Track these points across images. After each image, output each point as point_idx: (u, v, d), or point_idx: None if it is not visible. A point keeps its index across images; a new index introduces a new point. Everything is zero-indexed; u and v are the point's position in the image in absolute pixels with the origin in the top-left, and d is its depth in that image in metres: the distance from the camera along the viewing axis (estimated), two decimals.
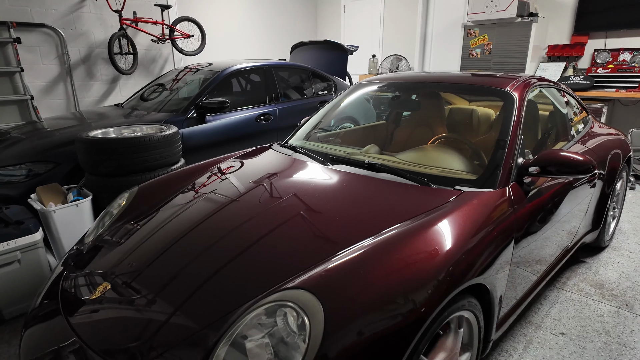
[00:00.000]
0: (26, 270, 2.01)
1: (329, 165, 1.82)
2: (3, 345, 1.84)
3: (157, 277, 1.27)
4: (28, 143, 2.78)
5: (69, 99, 4.60)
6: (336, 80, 4.60)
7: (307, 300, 0.98)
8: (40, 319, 1.31)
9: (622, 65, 4.44)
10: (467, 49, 5.17)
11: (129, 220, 1.66)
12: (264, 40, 6.76)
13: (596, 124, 2.73)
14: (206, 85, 3.40)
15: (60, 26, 4.37)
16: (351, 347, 0.93)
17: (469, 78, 2.17)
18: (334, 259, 1.13)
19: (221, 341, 0.98)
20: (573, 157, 1.53)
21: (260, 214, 1.47)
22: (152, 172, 2.47)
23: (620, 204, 2.92)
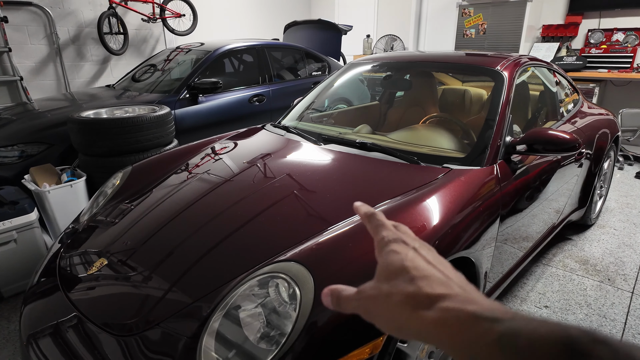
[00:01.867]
0: (22, 249, 2.04)
1: (321, 145, 1.84)
2: (2, 322, 1.89)
3: (152, 254, 1.30)
4: (20, 124, 2.77)
5: (59, 80, 4.53)
6: (330, 60, 4.57)
7: (297, 271, 1.02)
8: (39, 295, 1.34)
9: (615, 45, 4.44)
10: (462, 29, 5.14)
11: (123, 200, 1.69)
12: (257, 20, 6.65)
13: (586, 104, 2.76)
14: (198, 65, 3.37)
15: (48, 5, 4.27)
16: (339, 314, 0.97)
17: (459, 57, 2.18)
18: (325, 233, 1.16)
19: (215, 312, 1.02)
20: (559, 135, 1.56)
21: (254, 193, 1.49)
22: (145, 152, 2.48)
23: (607, 183, 2.98)
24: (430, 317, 0.31)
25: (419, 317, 0.32)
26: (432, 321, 0.31)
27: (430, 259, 0.37)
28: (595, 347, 0.24)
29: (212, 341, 0.98)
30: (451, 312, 0.31)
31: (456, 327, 0.30)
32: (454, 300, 0.32)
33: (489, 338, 0.28)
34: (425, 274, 0.35)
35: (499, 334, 0.27)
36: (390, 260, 0.37)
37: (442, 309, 0.31)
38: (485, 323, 0.29)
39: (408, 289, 0.34)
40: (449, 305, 0.31)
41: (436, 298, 0.32)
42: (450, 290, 0.33)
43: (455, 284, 0.34)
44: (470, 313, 0.30)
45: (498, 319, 0.28)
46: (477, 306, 0.31)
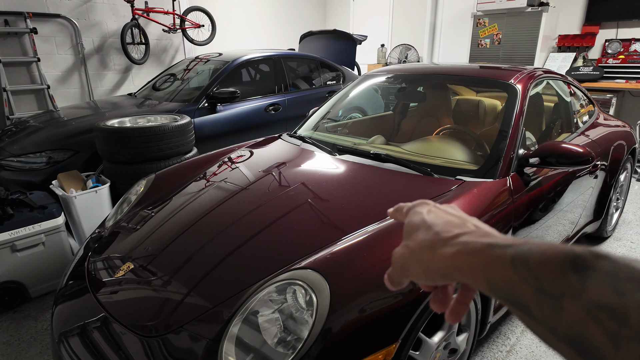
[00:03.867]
0: (50, 252, 2.13)
1: (336, 155, 1.89)
2: (30, 321, 1.98)
3: (175, 259, 1.37)
4: (47, 132, 2.90)
5: (84, 88, 4.71)
6: (345, 70, 4.64)
7: (314, 278, 1.06)
8: (69, 296, 1.42)
9: (634, 55, 4.40)
10: (477, 39, 5.15)
11: (147, 206, 1.76)
12: (273, 30, 6.78)
13: (602, 116, 2.75)
14: (217, 75, 3.48)
15: (75, 16, 4.46)
16: (354, 321, 1.02)
17: (473, 70, 2.21)
18: (340, 242, 1.21)
19: (235, 316, 1.07)
20: (572, 149, 1.58)
21: (270, 201, 1.55)
22: (167, 160, 2.57)
23: (624, 195, 2.95)
24: (449, 252, 0.35)
25: (440, 254, 0.36)
26: (451, 255, 0.35)
27: (449, 210, 0.42)
28: (597, 261, 0.27)
29: (232, 345, 1.03)
30: (468, 245, 0.35)
31: (472, 255, 0.34)
32: (470, 235, 0.36)
33: (503, 260, 0.31)
34: (443, 220, 0.39)
35: (511, 256, 0.31)
36: (412, 218, 0.42)
37: (459, 243, 0.35)
38: (499, 249, 0.32)
39: (427, 235, 0.39)
40: (465, 240, 0.35)
41: (453, 237, 0.37)
42: (466, 229, 0.37)
43: (471, 224, 0.38)
44: (485, 243, 0.34)
45: (510, 245, 0.32)
46: (491, 238, 0.34)
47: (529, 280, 0.29)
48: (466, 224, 0.38)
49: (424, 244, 0.38)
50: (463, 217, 0.40)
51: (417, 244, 0.39)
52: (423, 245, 0.38)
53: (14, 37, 4.12)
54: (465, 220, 0.39)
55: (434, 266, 0.37)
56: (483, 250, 0.33)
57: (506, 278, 0.31)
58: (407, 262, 0.40)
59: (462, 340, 1.42)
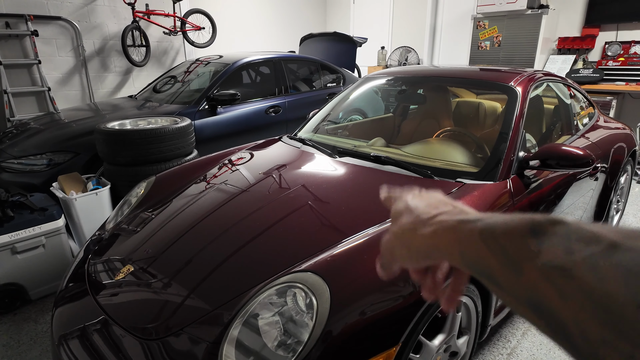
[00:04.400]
0: (50, 254, 2.13)
1: (336, 158, 1.89)
2: (30, 323, 1.98)
3: (175, 261, 1.36)
4: (48, 134, 2.90)
5: (84, 90, 4.72)
6: (345, 72, 4.64)
7: (315, 281, 1.06)
8: (69, 298, 1.42)
9: (634, 58, 4.40)
10: (477, 41, 5.16)
11: (147, 209, 1.76)
12: (274, 32, 6.80)
13: (602, 118, 2.75)
14: (217, 77, 3.48)
15: (75, 19, 4.47)
16: (354, 324, 1.02)
17: (473, 73, 2.22)
18: (340, 245, 1.21)
19: (235, 319, 1.07)
20: (572, 151, 1.58)
21: (270, 203, 1.55)
22: (167, 162, 2.58)
23: (624, 198, 2.95)
24: (428, 231, 0.37)
25: (420, 235, 0.38)
26: (429, 234, 0.37)
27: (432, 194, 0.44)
28: (553, 226, 0.28)
29: (232, 348, 1.03)
30: (443, 223, 0.37)
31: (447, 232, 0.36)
32: (446, 214, 0.38)
33: (473, 233, 0.33)
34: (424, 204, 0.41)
35: (479, 229, 0.32)
36: (396, 206, 0.44)
37: (436, 222, 0.37)
38: (469, 224, 0.34)
39: (409, 219, 0.40)
40: (441, 219, 0.37)
41: (432, 217, 0.38)
42: (444, 209, 0.39)
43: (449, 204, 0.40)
44: (457, 219, 0.36)
45: (479, 219, 0.34)
46: (463, 215, 0.36)
47: (495, 250, 0.31)
48: (445, 205, 0.40)
49: (406, 226, 0.40)
50: (444, 199, 0.42)
51: (400, 227, 0.41)
52: (405, 228, 0.40)
53: (15, 39, 4.13)
54: (446, 202, 0.41)
55: (416, 247, 0.39)
56: (455, 226, 0.35)
57: (476, 250, 0.32)
58: (393, 246, 0.42)
59: (462, 343, 1.42)
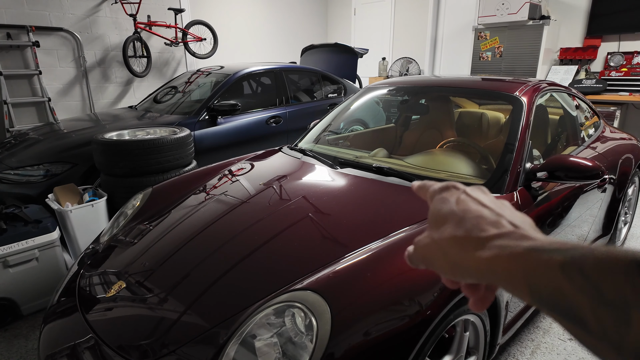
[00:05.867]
0: (44, 267, 2.08)
1: (337, 169, 1.85)
2: (21, 340, 1.91)
3: (170, 276, 1.31)
4: (46, 144, 2.87)
5: (85, 101, 4.71)
6: (346, 82, 4.63)
7: (314, 301, 1.00)
8: (58, 315, 1.36)
9: (636, 68, 4.38)
10: (478, 52, 5.16)
11: (143, 221, 1.71)
12: (275, 43, 6.82)
13: (608, 129, 2.71)
14: (218, 88, 3.46)
15: (77, 30, 4.48)
16: (357, 346, 0.95)
17: (477, 82, 2.18)
18: (342, 261, 1.15)
19: (231, 340, 1.01)
20: (581, 163, 1.53)
21: (270, 216, 1.50)
22: (166, 173, 2.53)
23: (632, 209, 2.89)
24: (485, 255, 0.31)
25: (473, 256, 0.32)
26: (487, 258, 0.31)
27: (481, 199, 0.37)
28: None
29: None
30: (505, 249, 0.31)
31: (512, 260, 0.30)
32: (507, 237, 0.32)
33: (550, 265, 0.27)
34: (475, 214, 0.35)
35: (561, 261, 0.27)
36: (439, 207, 0.38)
37: (495, 247, 0.31)
38: (545, 253, 0.28)
39: (457, 232, 0.34)
40: (502, 243, 0.31)
41: (488, 238, 0.32)
42: (502, 228, 0.33)
43: (507, 222, 0.34)
44: (526, 247, 0.30)
45: (558, 249, 0.28)
46: (532, 242, 0.30)
47: (585, 289, 0.25)
48: (501, 221, 0.34)
49: (453, 240, 0.34)
50: (496, 209, 0.35)
51: (444, 238, 0.35)
52: (452, 242, 0.34)
53: (16, 50, 4.13)
54: (499, 215, 0.35)
55: (464, 266, 0.33)
56: (525, 255, 0.29)
57: (554, 285, 0.27)
58: (431, 255, 0.37)
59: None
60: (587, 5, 4.68)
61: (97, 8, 4.60)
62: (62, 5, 4.34)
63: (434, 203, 0.39)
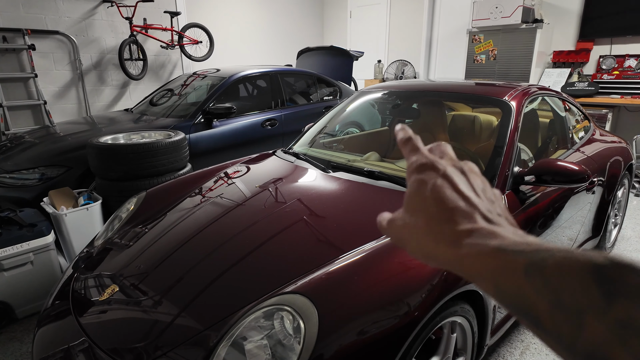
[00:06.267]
0: (38, 271, 2.09)
1: (330, 173, 1.87)
2: (15, 343, 1.92)
3: (163, 279, 1.33)
4: (41, 147, 2.88)
5: (81, 104, 4.72)
6: (341, 85, 4.66)
7: (302, 304, 1.03)
8: (52, 318, 1.38)
9: (628, 71, 4.43)
10: (472, 55, 5.20)
11: (137, 224, 1.73)
12: (271, 46, 6.85)
13: (598, 132, 2.74)
14: (213, 91, 3.48)
15: (73, 33, 4.50)
16: (345, 348, 0.98)
17: (468, 87, 2.21)
18: (330, 264, 1.18)
19: (222, 342, 1.04)
20: (568, 167, 1.56)
21: (262, 219, 1.52)
22: (160, 176, 2.55)
23: (622, 211, 2.92)
24: (455, 252, 0.32)
25: (444, 251, 0.33)
26: (457, 256, 0.32)
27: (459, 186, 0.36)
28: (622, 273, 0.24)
29: None
30: (474, 247, 0.31)
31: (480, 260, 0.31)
32: (477, 235, 0.32)
33: (514, 267, 0.28)
34: (449, 206, 0.34)
35: (524, 264, 0.28)
36: (416, 190, 0.37)
37: (467, 245, 0.32)
38: (509, 255, 0.29)
39: (430, 223, 0.34)
40: (472, 242, 0.32)
41: (460, 234, 0.33)
42: (474, 223, 0.33)
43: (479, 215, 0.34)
44: (493, 247, 0.30)
45: (522, 251, 0.29)
46: (499, 240, 0.31)
47: (544, 292, 0.26)
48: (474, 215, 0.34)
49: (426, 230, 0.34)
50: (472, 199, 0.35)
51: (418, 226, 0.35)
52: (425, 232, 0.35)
53: (12, 53, 4.14)
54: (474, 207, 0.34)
55: (436, 257, 0.34)
56: (492, 255, 0.30)
57: (517, 287, 0.28)
58: (404, 238, 0.37)
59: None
60: (579, 8, 4.73)
61: (93, 11, 4.61)
62: (58, 8, 4.35)
63: (410, 184, 0.38)
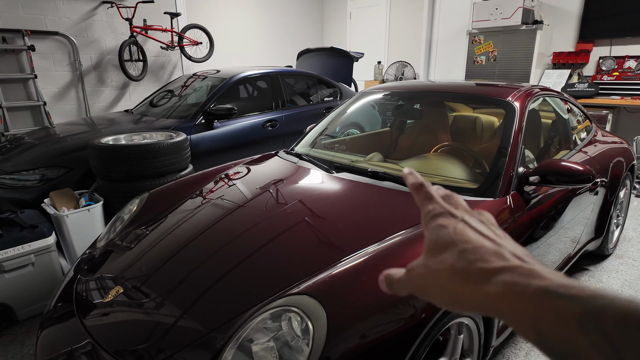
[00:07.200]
0: (39, 273, 2.07)
1: (333, 173, 1.86)
2: (17, 346, 1.90)
3: (167, 281, 1.32)
4: (41, 148, 2.86)
5: (80, 105, 4.70)
6: (342, 86, 4.66)
7: (310, 305, 1.02)
8: (55, 320, 1.36)
9: (628, 72, 4.44)
10: (472, 56, 5.21)
11: (140, 226, 1.72)
12: (271, 47, 6.85)
13: (599, 132, 2.75)
14: (214, 92, 3.47)
15: (73, 34, 4.48)
16: (353, 350, 0.97)
17: (471, 88, 2.21)
18: (337, 265, 1.17)
19: (228, 344, 1.02)
20: (572, 167, 1.56)
21: (266, 220, 1.51)
22: (162, 177, 2.54)
23: (624, 212, 2.93)
24: (490, 292, 0.29)
25: (477, 291, 0.30)
26: (492, 295, 0.29)
27: (481, 230, 0.34)
28: None
29: None
30: (515, 287, 0.28)
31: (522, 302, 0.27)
32: (515, 273, 0.29)
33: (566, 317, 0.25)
34: (475, 245, 0.33)
35: (578, 314, 0.25)
36: (437, 235, 0.35)
37: (503, 283, 0.29)
38: (560, 301, 0.26)
39: (458, 264, 0.32)
40: (510, 280, 0.29)
41: (492, 271, 0.30)
42: (507, 262, 0.31)
43: (510, 254, 0.31)
44: (540, 289, 0.27)
45: (575, 296, 0.26)
46: (545, 281, 0.28)
47: (602, 348, 0.23)
48: (503, 252, 0.32)
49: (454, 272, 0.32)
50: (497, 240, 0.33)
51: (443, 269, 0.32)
52: (452, 274, 0.32)
53: (12, 54, 4.12)
54: (500, 245, 0.33)
55: (466, 301, 0.31)
56: (537, 298, 0.27)
57: (567, 338, 0.25)
58: (427, 286, 0.34)
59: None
60: (579, 10, 4.74)
61: (93, 12, 4.60)
62: (57, 9, 4.34)
63: (429, 230, 0.36)
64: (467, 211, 0.38)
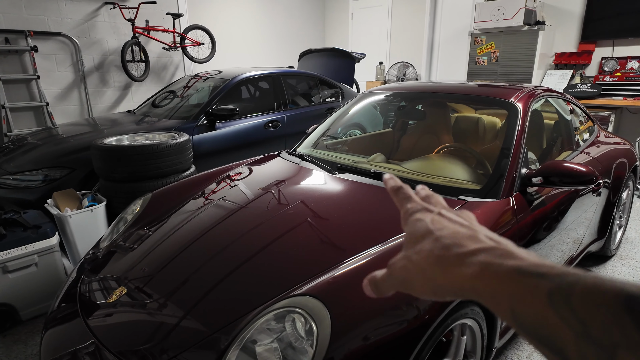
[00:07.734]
0: (43, 273, 2.08)
1: (335, 174, 1.87)
2: (20, 346, 1.91)
3: (170, 281, 1.32)
4: (44, 149, 2.87)
5: (83, 105, 4.71)
6: (343, 87, 4.66)
7: (314, 306, 1.02)
8: (59, 320, 1.37)
9: (630, 73, 4.43)
10: (474, 57, 5.20)
11: (143, 226, 1.72)
12: (273, 48, 6.86)
13: (602, 133, 2.74)
14: (216, 92, 3.48)
15: (75, 35, 4.50)
16: (357, 351, 0.97)
17: (473, 89, 2.21)
18: (341, 266, 1.17)
19: (232, 345, 1.03)
20: (576, 168, 1.56)
21: (268, 220, 1.52)
22: (165, 178, 2.54)
23: (627, 213, 2.92)
24: (466, 273, 0.30)
25: (454, 273, 0.31)
26: (469, 276, 0.30)
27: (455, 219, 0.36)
28: None
29: None
30: (490, 266, 0.29)
31: (496, 282, 0.28)
32: (490, 253, 0.30)
33: (537, 294, 0.26)
34: (451, 231, 0.34)
35: (548, 290, 0.26)
36: (414, 227, 0.36)
37: (478, 264, 0.30)
38: (531, 279, 0.27)
39: (435, 250, 0.33)
40: (485, 260, 0.30)
41: (468, 254, 0.31)
42: (482, 243, 0.31)
43: (485, 237, 0.32)
44: (513, 268, 0.28)
45: (545, 274, 0.27)
46: (518, 260, 0.29)
47: (571, 323, 0.24)
48: (478, 235, 0.33)
49: (432, 258, 0.33)
50: (472, 226, 0.35)
51: (422, 257, 0.33)
52: (431, 260, 0.33)
53: (14, 54, 4.14)
54: (476, 230, 0.34)
55: (446, 285, 0.32)
56: (510, 277, 0.28)
57: (539, 314, 0.26)
58: (410, 277, 0.34)
59: None
60: (581, 10, 4.74)
61: (95, 13, 4.61)
62: (60, 10, 4.35)
63: (408, 225, 0.38)
64: (445, 207, 0.39)
